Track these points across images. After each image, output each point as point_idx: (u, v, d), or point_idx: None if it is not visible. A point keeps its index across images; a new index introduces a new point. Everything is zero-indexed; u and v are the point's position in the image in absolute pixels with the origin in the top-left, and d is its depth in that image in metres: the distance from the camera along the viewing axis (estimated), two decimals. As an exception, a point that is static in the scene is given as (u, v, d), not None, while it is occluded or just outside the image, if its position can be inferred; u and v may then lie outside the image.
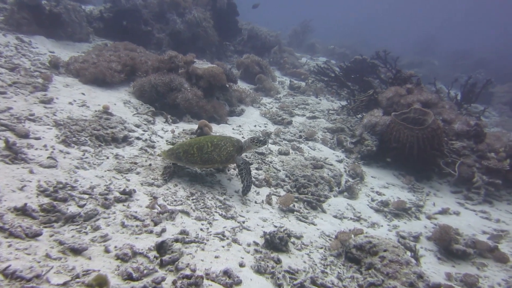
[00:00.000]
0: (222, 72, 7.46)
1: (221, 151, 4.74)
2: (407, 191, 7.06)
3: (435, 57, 30.94)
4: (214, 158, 4.67)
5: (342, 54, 23.87)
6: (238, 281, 3.21)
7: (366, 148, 7.83)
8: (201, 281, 2.92)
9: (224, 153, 4.75)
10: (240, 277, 3.27)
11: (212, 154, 4.67)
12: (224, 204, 4.65)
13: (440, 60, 30.28)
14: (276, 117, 8.40)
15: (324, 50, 25.29)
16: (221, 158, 4.72)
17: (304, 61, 16.76)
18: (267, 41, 15.20)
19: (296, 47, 24.37)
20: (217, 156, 4.69)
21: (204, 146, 4.71)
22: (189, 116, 6.91)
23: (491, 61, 28.77)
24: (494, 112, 20.34)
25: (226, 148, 4.78)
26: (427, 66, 28.02)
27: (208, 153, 4.67)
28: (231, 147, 4.82)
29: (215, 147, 4.72)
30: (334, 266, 4.09)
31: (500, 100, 21.55)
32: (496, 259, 4.91)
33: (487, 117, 18.71)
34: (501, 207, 7.08)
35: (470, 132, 8.35)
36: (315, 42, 25.87)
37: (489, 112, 19.82)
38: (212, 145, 4.73)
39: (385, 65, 12.58)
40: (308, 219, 5.09)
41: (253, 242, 4.01)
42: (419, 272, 3.85)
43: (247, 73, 11.24)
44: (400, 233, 5.34)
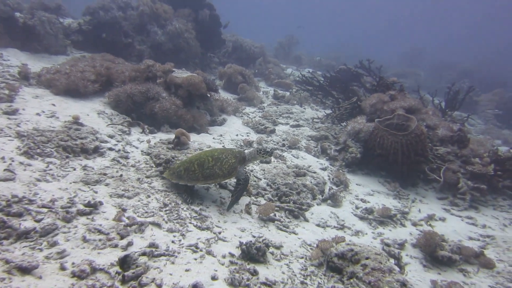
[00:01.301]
0: (202, 81, 7.33)
1: (223, 164, 4.57)
2: (393, 198, 6.94)
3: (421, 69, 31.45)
4: (216, 172, 4.51)
5: (328, 65, 24.04)
6: (208, 296, 2.99)
7: (350, 155, 7.72)
8: (166, 297, 2.70)
9: (226, 166, 4.58)
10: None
11: (214, 169, 4.52)
12: (200, 214, 4.43)
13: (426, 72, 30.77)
14: (259, 126, 8.26)
15: (310, 62, 25.49)
16: (223, 172, 4.55)
17: (289, 72, 16.80)
18: (252, 52, 15.20)
19: (282, 59, 24.51)
20: (219, 171, 4.53)
21: (204, 161, 4.56)
22: (168, 126, 6.72)
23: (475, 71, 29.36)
24: (479, 120, 20.60)
25: (228, 161, 4.61)
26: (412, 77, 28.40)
27: (210, 168, 4.52)
28: (233, 159, 4.65)
29: (216, 161, 4.57)
30: (314, 276, 3.89)
31: (485, 108, 21.85)
32: (482, 265, 4.77)
33: (473, 125, 18.92)
34: (487, 213, 6.99)
35: (453, 138, 8.32)
36: (301, 54, 26.09)
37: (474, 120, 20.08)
38: (213, 159, 4.58)
39: (369, 74, 12.66)
40: (289, 228, 4.90)
41: (229, 253, 3.80)
42: (402, 280, 3.68)
43: (230, 83, 11.14)
44: (384, 240, 5.17)
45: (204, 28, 12.68)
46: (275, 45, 25.65)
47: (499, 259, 4.94)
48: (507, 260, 4.88)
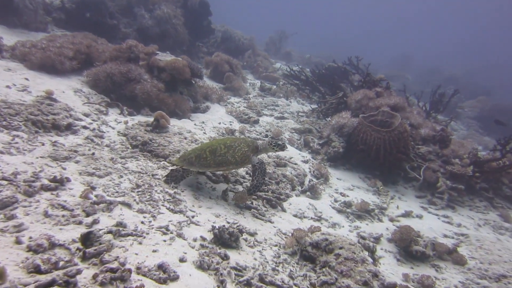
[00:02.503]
0: (186, 66, 7.16)
1: (235, 152, 4.51)
2: (372, 193, 6.94)
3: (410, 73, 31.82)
4: (228, 159, 4.45)
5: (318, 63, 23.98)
6: (174, 276, 2.88)
7: (333, 149, 7.69)
8: (129, 275, 2.58)
9: (239, 154, 4.52)
10: (178, 272, 2.94)
11: (226, 156, 4.45)
12: (174, 198, 4.30)
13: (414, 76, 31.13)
14: (243, 116, 8.15)
15: (300, 58, 25.42)
16: (236, 160, 4.48)
17: (278, 66, 16.69)
18: (241, 44, 15.03)
19: (272, 55, 24.38)
20: (231, 158, 4.46)
21: (217, 148, 4.49)
22: (148, 109, 6.54)
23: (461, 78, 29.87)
24: (462, 126, 20.95)
25: (241, 149, 4.55)
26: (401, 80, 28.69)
27: (222, 155, 4.45)
28: (245, 147, 4.59)
29: (228, 148, 4.51)
30: (287, 264, 3.82)
31: (468, 114, 22.23)
32: (454, 262, 4.79)
33: (456, 130, 19.24)
34: (463, 212, 7.08)
35: (435, 137, 8.39)
36: (291, 50, 26.00)
37: (458, 126, 20.44)
38: (226, 147, 4.52)
39: (357, 71, 12.69)
40: (265, 216, 4.82)
41: (200, 237, 3.70)
42: (374, 271, 3.65)
43: (216, 72, 10.96)
44: (360, 233, 5.15)
45: (193, 16, 12.45)
46: (266, 40, 25.48)
47: (471, 257, 4.98)
48: (479, 257, 4.92)
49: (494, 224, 6.67)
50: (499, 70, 38.25)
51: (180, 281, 2.88)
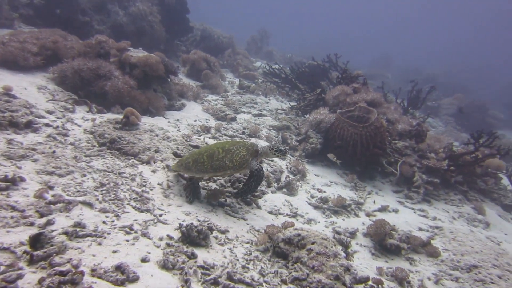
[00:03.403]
0: (160, 62, 6.97)
1: (234, 156, 4.32)
2: (349, 189, 6.92)
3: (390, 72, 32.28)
4: (226, 164, 4.27)
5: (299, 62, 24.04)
6: (134, 278, 2.73)
7: (310, 146, 7.63)
8: (80, 277, 2.41)
9: (237, 158, 4.33)
10: (138, 273, 2.80)
11: (224, 160, 4.28)
12: (141, 196, 4.14)
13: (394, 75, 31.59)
14: (219, 113, 8.01)
15: (282, 58, 25.41)
16: (234, 164, 4.30)
17: (258, 65, 16.61)
18: (220, 43, 14.87)
19: (254, 54, 24.29)
20: (229, 162, 4.29)
21: (214, 152, 4.33)
22: (119, 107, 6.32)
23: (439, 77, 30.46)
24: (440, 122, 21.35)
25: (239, 153, 4.36)
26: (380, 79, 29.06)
27: (219, 160, 4.28)
28: (244, 151, 4.40)
29: (226, 152, 4.33)
30: (258, 261, 3.71)
31: (446, 112, 22.67)
32: (428, 254, 4.79)
33: (434, 127, 19.59)
34: (439, 206, 7.13)
35: (412, 132, 8.44)
36: (272, 50, 25.97)
37: (436, 123, 20.82)
38: (224, 150, 4.34)
39: (335, 68, 12.71)
40: (238, 213, 4.70)
41: (167, 235, 3.55)
42: (346, 265, 3.58)
43: (193, 70, 10.77)
44: (336, 229, 5.10)
45: (170, 13, 12.21)
46: (248, 39, 25.36)
47: (445, 248, 4.99)
48: (452, 249, 4.94)
49: (468, 217, 6.74)
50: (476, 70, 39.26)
51: (139, 282, 2.73)
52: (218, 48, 14.90)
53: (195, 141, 6.22)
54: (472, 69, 39.14)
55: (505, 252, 5.02)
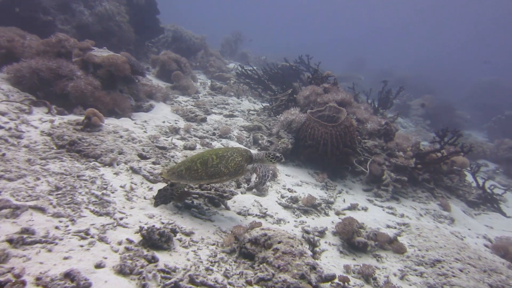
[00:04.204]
0: (126, 62, 6.77)
1: (229, 162, 4.23)
2: (320, 188, 6.93)
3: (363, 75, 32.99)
4: (221, 170, 4.17)
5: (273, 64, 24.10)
6: (85, 285, 2.57)
7: (281, 146, 7.61)
8: (21, 287, 2.25)
9: (232, 164, 4.23)
10: (90, 280, 2.64)
11: (219, 167, 4.18)
12: (101, 199, 3.96)
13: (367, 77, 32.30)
14: (189, 114, 7.86)
15: (256, 60, 25.47)
16: (229, 170, 4.20)
17: (232, 67, 16.53)
18: (192, 44, 14.69)
19: (228, 56, 24.24)
20: (224, 169, 4.18)
21: (208, 159, 4.22)
22: (82, 108, 6.07)
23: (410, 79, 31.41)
24: (410, 123, 21.98)
25: (234, 159, 4.26)
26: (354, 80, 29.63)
27: (214, 166, 4.18)
28: (239, 157, 4.30)
29: (221, 159, 4.23)
30: (223, 263, 3.62)
31: (416, 112, 23.36)
32: (394, 250, 4.85)
33: (405, 127, 20.14)
34: (407, 203, 7.27)
35: (381, 131, 8.59)
36: (247, 52, 25.97)
37: (407, 123, 21.42)
38: (218, 157, 4.24)
39: (307, 69, 12.82)
40: (205, 215, 4.59)
41: (126, 239, 3.40)
42: (312, 264, 3.55)
43: (164, 70, 10.56)
44: (305, 228, 5.06)
45: (139, 14, 11.95)
46: (222, 41, 25.27)
47: (411, 244, 5.07)
48: (417, 245, 5.02)
49: (434, 213, 6.91)
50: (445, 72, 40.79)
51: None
52: (190, 49, 14.71)
53: (162, 142, 6.07)
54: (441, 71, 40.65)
55: (467, 246, 5.16)
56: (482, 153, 15.68)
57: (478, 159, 14.49)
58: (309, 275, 3.41)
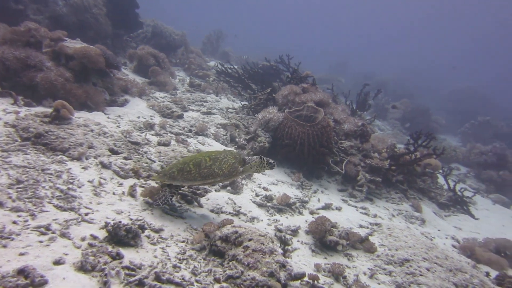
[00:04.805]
0: (100, 54, 6.57)
1: (222, 164, 4.25)
2: (296, 188, 6.94)
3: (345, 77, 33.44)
4: (215, 171, 4.20)
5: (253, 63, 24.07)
6: (40, 282, 2.45)
7: (259, 144, 7.58)
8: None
9: (226, 166, 4.26)
10: (47, 277, 2.53)
11: (212, 168, 4.21)
12: (66, 194, 3.81)
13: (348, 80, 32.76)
14: (165, 110, 7.72)
15: (238, 59, 25.37)
16: (223, 172, 4.23)
17: (212, 64, 16.40)
18: (172, 40, 14.47)
19: (210, 54, 24.05)
20: (218, 170, 4.21)
21: (201, 161, 4.24)
22: (52, 101, 5.83)
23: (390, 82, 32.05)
24: (388, 126, 22.41)
25: (227, 161, 4.29)
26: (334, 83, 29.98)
27: (208, 168, 4.20)
28: (232, 159, 4.33)
29: (214, 160, 4.26)
30: (192, 261, 3.55)
31: (393, 115, 23.82)
32: (365, 250, 4.90)
33: (382, 130, 20.51)
34: (380, 204, 7.38)
35: (357, 132, 8.70)
36: (229, 50, 25.85)
37: (384, 126, 21.82)
38: (211, 159, 4.27)
39: (288, 69, 12.86)
40: (176, 212, 4.50)
41: (90, 235, 3.28)
42: (282, 261, 3.52)
43: (141, 66, 10.34)
44: (278, 226, 5.05)
45: (117, 6, 11.65)
46: (203, 39, 25.05)
47: (381, 244, 5.13)
48: (388, 244, 5.09)
49: (406, 214, 7.04)
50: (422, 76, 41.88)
51: (47, 287, 2.46)
52: (170, 45, 14.49)
53: (136, 138, 5.92)
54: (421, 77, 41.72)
55: (435, 246, 5.27)
56: (455, 157, 16.17)
57: (451, 163, 14.92)
58: (279, 273, 3.38)
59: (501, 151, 14.73)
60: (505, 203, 12.50)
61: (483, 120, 23.34)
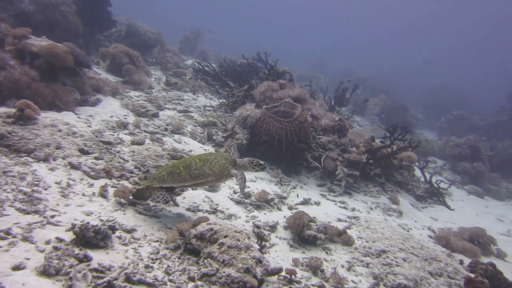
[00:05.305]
0: (68, 52, 6.33)
1: (213, 164, 4.23)
2: (274, 184, 6.90)
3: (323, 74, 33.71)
4: (206, 172, 4.16)
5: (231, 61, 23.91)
6: (-4, 289, 2.30)
7: (236, 141, 7.49)
8: None
9: (217, 166, 4.23)
10: (4, 284, 2.38)
11: (203, 169, 4.18)
12: (30, 196, 3.63)
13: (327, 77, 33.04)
14: (140, 109, 7.53)
15: (217, 57, 25.14)
16: (214, 172, 4.19)
17: (190, 63, 16.16)
18: (148, 39, 14.17)
19: (187, 53, 23.73)
20: (208, 170, 4.17)
21: (191, 163, 4.22)
22: (16, 101, 5.53)
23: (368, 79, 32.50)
24: (367, 122, 22.70)
25: (218, 162, 4.27)
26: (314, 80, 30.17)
27: (198, 169, 4.17)
28: (222, 160, 4.31)
29: (204, 162, 4.24)
30: (166, 260, 3.44)
31: (372, 111, 24.15)
32: (343, 243, 4.90)
33: (361, 126, 20.77)
34: (358, 198, 7.43)
35: (334, 127, 8.74)
36: (207, 49, 25.58)
37: (363, 122, 22.12)
38: (201, 160, 4.25)
39: (265, 66, 12.81)
40: (150, 211, 4.37)
41: (56, 238, 3.13)
42: (258, 257, 3.46)
43: (114, 64, 10.05)
44: (255, 223, 4.99)
45: (88, 4, 11.31)
46: (181, 38, 24.70)
47: (359, 237, 5.15)
48: (365, 237, 5.11)
49: (384, 207, 7.12)
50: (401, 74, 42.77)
51: (4, 293, 2.31)
52: (145, 44, 14.18)
53: (108, 137, 5.73)
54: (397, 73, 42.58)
55: (411, 237, 5.34)
56: (431, 150, 16.55)
57: (428, 156, 15.22)
58: (255, 268, 3.32)
59: (475, 143, 15.17)
60: (479, 194, 12.89)
61: (458, 115, 24.01)
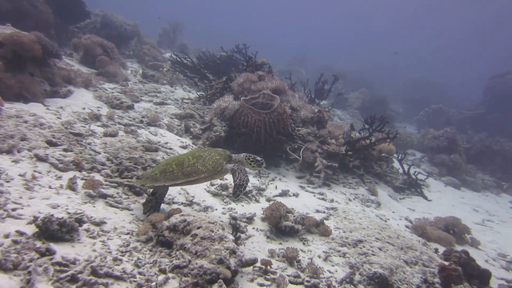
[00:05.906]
0: (35, 41, 6.03)
1: (206, 161, 4.10)
2: (253, 176, 6.83)
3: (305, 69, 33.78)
4: (199, 169, 4.05)
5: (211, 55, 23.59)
6: None
7: (214, 134, 7.38)
8: None
9: (210, 162, 4.10)
10: (-47, 279, 2.20)
11: (196, 166, 4.06)
12: (-10, 189, 3.42)
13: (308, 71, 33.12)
14: (114, 101, 7.29)
15: (197, 51, 24.80)
16: (207, 168, 4.07)
17: (168, 56, 15.84)
18: (124, 31, 13.77)
19: (167, 47, 23.28)
20: (201, 167, 4.05)
21: (184, 160, 4.12)
22: (-21, 91, 5.29)
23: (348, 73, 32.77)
24: (348, 115, 22.90)
25: (212, 158, 4.15)
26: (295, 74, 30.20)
27: (191, 166, 4.06)
28: (217, 156, 4.19)
29: (197, 158, 4.12)
30: (136, 252, 3.32)
31: (352, 105, 24.37)
32: (320, 233, 4.88)
33: (342, 119, 20.93)
34: (337, 189, 7.45)
35: (313, 119, 8.73)
36: (187, 43, 25.18)
37: (344, 116, 22.30)
38: (194, 157, 4.14)
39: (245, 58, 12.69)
40: (122, 204, 4.21)
41: (16, 232, 2.95)
42: (232, 248, 3.38)
43: (88, 56, 9.69)
44: (232, 214, 4.90)
45: (60, -5, 10.88)
46: (159, 31, 24.20)
47: (337, 227, 5.15)
48: (342, 227, 5.11)
49: (362, 198, 7.17)
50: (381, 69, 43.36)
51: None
52: (121, 36, 13.78)
53: (79, 129, 5.51)
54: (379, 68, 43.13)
55: (388, 226, 5.38)
56: (411, 143, 16.87)
57: (407, 149, 15.49)
58: (228, 259, 3.24)
59: (452, 135, 15.52)
60: (456, 185, 13.23)
61: (436, 108, 24.54)
